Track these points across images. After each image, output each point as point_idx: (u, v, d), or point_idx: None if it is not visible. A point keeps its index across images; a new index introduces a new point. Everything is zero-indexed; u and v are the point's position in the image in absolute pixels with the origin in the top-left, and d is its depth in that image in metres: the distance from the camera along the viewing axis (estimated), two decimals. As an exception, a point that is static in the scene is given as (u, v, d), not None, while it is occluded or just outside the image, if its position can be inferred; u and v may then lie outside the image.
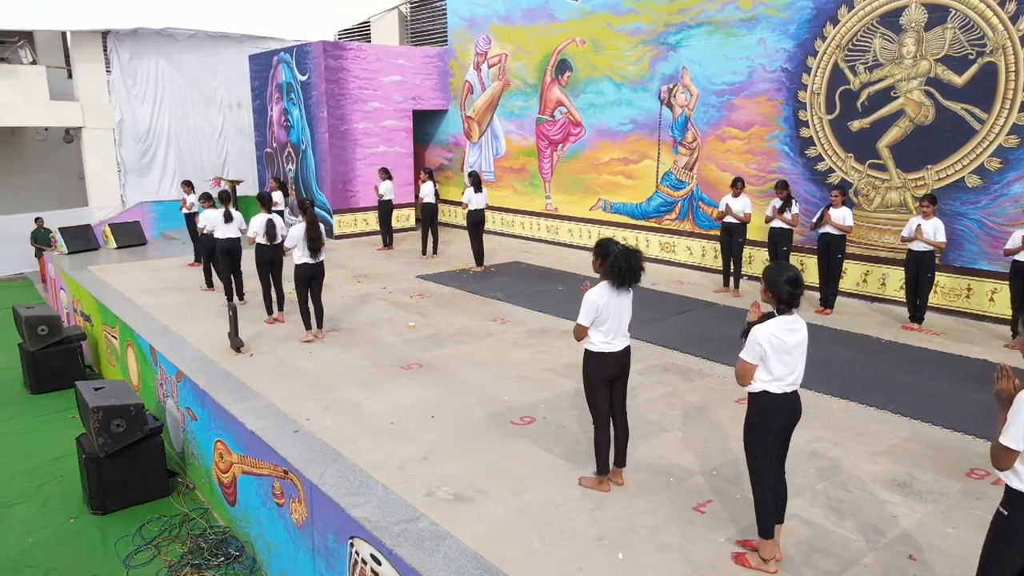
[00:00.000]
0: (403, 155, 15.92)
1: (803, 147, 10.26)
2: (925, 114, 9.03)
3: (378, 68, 15.25)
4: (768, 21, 10.42)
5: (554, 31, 13.71)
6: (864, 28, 9.44)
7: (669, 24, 11.70)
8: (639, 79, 12.29)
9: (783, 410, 3.75)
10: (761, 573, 3.86)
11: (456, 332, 8.38)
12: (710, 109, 11.32)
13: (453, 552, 4.05)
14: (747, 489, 4.67)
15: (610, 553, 4.06)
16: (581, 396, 6.22)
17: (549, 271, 11.81)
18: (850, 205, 9.36)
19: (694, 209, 11.81)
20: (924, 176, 9.13)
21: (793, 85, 10.26)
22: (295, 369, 7.15)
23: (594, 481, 4.78)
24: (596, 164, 13.28)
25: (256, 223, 8.24)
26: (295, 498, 5.24)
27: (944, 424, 5.79)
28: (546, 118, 14.17)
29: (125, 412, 6.73)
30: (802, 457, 5.18)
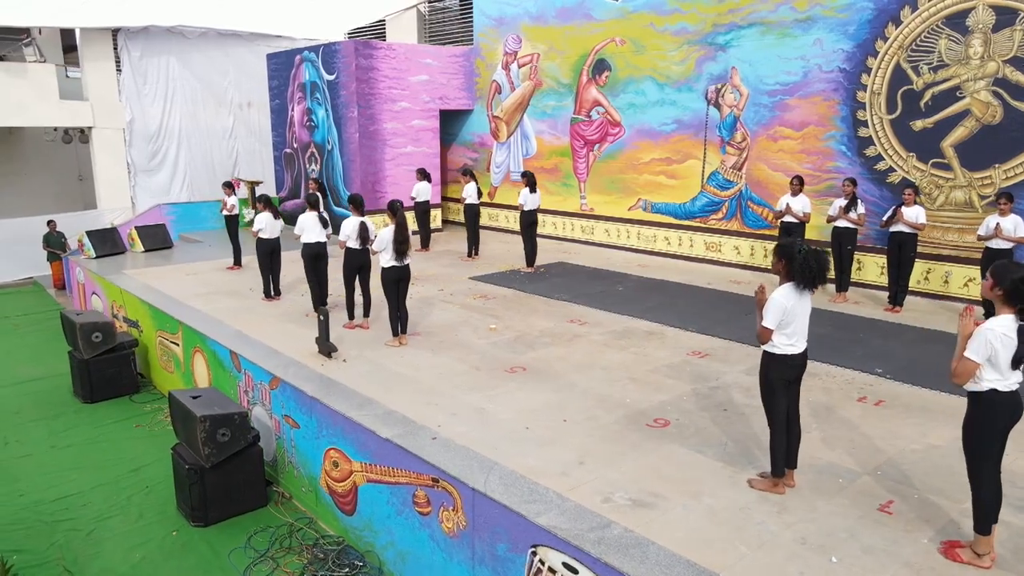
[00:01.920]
0: (430, 155, 15.76)
1: (861, 147, 10.36)
2: (992, 114, 9.17)
3: (407, 68, 15.08)
4: (825, 22, 10.50)
5: (591, 31, 13.67)
6: (928, 29, 9.56)
7: (718, 24, 11.73)
8: (684, 79, 12.31)
9: (1009, 409, 3.75)
10: (976, 566, 3.86)
11: (540, 334, 8.30)
12: (761, 109, 11.38)
13: (664, 559, 3.98)
14: (922, 489, 4.70)
15: (819, 556, 4.03)
16: (701, 397, 6.24)
17: (599, 271, 11.77)
18: (912, 204, 9.49)
19: (743, 208, 11.86)
20: (991, 175, 9.27)
21: (851, 85, 10.35)
22: (396, 374, 7.00)
23: (768, 483, 4.75)
24: (636, 164, 13.27)
25: (348, 227, 8.07)
26: (449, 507, 5.12)
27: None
28: (582, 118, 14.13)
29: (230, 421, 6.54)
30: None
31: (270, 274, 9.67)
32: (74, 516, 6.91)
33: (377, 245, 7.50)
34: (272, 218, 9.40)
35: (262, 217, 9.32)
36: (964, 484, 4.71)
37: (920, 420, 5.88)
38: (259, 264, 9.68)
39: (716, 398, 6.36)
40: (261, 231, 9.33)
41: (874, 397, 6.34)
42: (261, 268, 9.65)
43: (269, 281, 9.73)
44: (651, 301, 9.69)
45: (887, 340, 8.05)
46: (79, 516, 6.90)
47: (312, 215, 8.78)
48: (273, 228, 9.41)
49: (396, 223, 7.38)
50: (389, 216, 7.51)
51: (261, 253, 9.49)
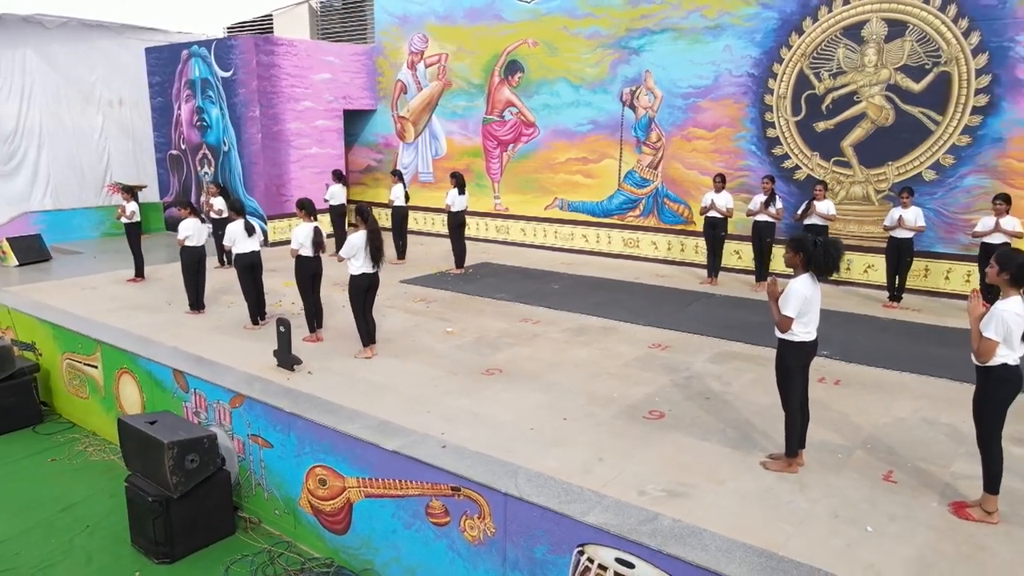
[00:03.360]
0: (335, 156, 15.24)
1: (770, 146, 11.14)
2: (886, 116, 10.16)
3: (309, 65, 14.49)
4: (733, 29, 11.19)
5: (501, 32, 13.75)
6: (828, 39, 10.43)
7: (631, 29, 12.17)
8: (598, 81, 12.68)
9: (1016, 381, 4.20)
10: (986, 523, 4.30)
11: (499, 335, 8.28)
12: (675, 111, 11.94)
13: (722, 545, 4.13)
14: (909, 458, 5.17)
15: (855, 528, 4.33)
16: (680, 387, 6.51)
17: (527, 271, 11.89)
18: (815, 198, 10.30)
19: (659, 206, 12.39)
20: (886, 171, 10.27)
21: (759, 89, 11.10)
22: (373, 384, 6.75)
23: (783, 463, 5.03)
24: (552, 164, 13.51)
25: (301, 233, 7.63)
26: (473, 515, 5.02)
27: None
28: (494, 118, 14.18)
29: (199, 446, 6.05)
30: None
31: (196, 286, 8.97)
32: (8, 567, 6.11)
33: (346, 252, 7.18)
34: (199, 224, 8.72)
35: (188, 223, 8.63)
36: (943, 450, 5.25)
37: (879, 396, 6.43)
38: (184, 275, 8.95)
39: (694, 388, 6.63)
40: (188, 239, 8.62)
41: (831, 377, 6.86)
42: (186, 279, 8.93)
43: (196, 293, 9.02)
44: (593, 298, 9.92)
45: (826, 326, 8.69)
46: (15, 567, 6.11)
47: (241, 223, 8.24)
48: (200, 235, 8.73)
49: (368, 228, 7.10)
50: (359, 221, 7.20)
51: (187, 263, 8.79)
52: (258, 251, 8.30)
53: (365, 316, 7.38)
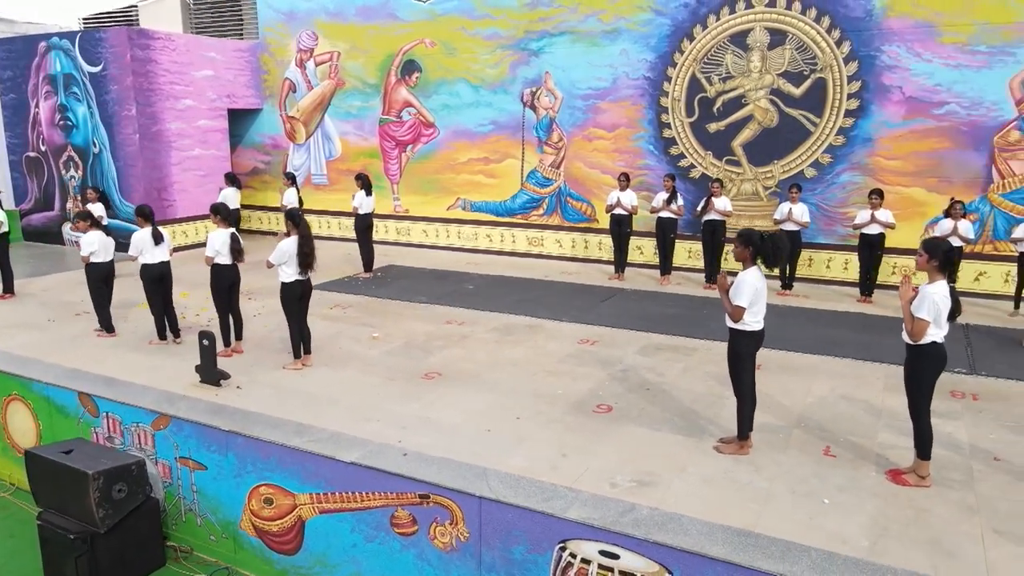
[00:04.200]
0: (220, 158, 14.45)
1: (666, 146, 11.69)
2: (771, 119, 10.94)
3: (189, 61, 13.63)
4: (629, 34, 11.64)
5: (397, 31, 13.55)
6: (717, 45, 11.09)
7: (530, 31, 12.37)
8: (499, 82, 12.78)
9: (944, 356, 4.68)
10: (921, 488, 4.78)
11: (426, 338, 8.19)
12: (575, 111, 12.26)
13: (702, 528, 4.32)
14: (840, 432, 5.63)
15: (813, 501, 4.66)
16: (619, 381, 6.75)
17: (436, 272, 11.80)
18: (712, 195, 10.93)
19: (562, 204, 12.68)
20: (772, 170, 11.06)
21: (655, 92, 11.62)
22: (311, 395, 6.48)
23: (735, 446, 5.32)
24: (453, 164, 13.48)
25: (217, 240, 7.16)
26: (443, 521, 4.95)
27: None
28: (391, 119, 13.96)
29: (127, 474, 5.58)
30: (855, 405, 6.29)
31: (106, 305, 8.18)
32: None
33: (276, 258, 6.82)
34: (104, 237, 7.99)
35: (91, 237, 7.87)
36: (866, 424, 5.74)
37: (796, 377, 6.94)
38: (92, 294, 8.13)
39: (632, 380, 6.87)
40: (93, 254, 7.85)
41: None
42: (95, 299, 8.11)
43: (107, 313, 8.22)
44: (510, 297, 10.01)
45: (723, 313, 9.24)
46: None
47: (147, 231, 7.65)
48: (107, 249, 7.98)
49: (300, 234, 6.78)
50: (290, 227, 6.87)
51: (94, 281, 7.99)
52: (167, 261, 7.72)
53: (300, 325, 7.06)
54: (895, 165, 10.33)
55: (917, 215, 10.23)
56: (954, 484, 4.88)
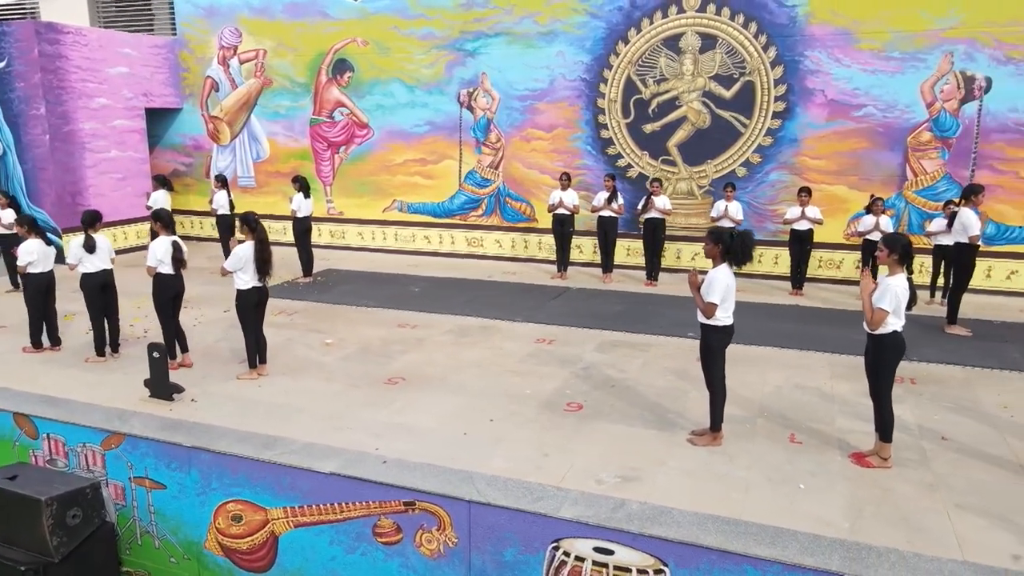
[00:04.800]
0: (138, 160, 13.74)
1: (604, 146, 11.92)
2: (703, 120, 11.33)
3: (103, 58, 12.89)
4: (565, 36, 11.79)
5: (327, 29, 13.24)
6: (651, 49, 11.39)
7: (465, 32, 12.34)
8: (434, 82, 12.70)
9: (904, 344, 4.99)
10: (882, 469, 5.08)
11: (382, 343, 8.06)
12: (513, 112, 12.32)
13: (694, 519, 4.45)
14: (800, 419, 5.92)
15: (789, 487, 4.88)
16: (583, 379, 6.87)
17: (377, 275, 11.62)
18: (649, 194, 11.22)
19: (501, 205, 12.72)
20: (705, 169, 11.46)
21: (592, 93, 11.82)
22: (274, 406, 6.26)
23: (708, 438, 5.50)
24: (388, 165, 13.29)
25: (159, 248, 6.78)
26: (430, 528, 4.90)
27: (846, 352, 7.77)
28: (323, 119, 13.63)
29: (82, 498, 5.26)
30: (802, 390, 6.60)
31: (44, 318, 7.62)
32: None
33: (232, 264, 6.53)
34: (43, 246, 7.42)
35: (31, 246, 7.29)
36: (822, 411, 6.05)
37: (750, 368, 7.22)
38: (28, 306, 7.56)
39: (596, 378, 6.98)
40: (32, 264, 7.28)
41: (706, 356, 7.57)
42: (31, 311, 7.55)
43: (41, 326, 7.66)
44: (458, 298, 9.96)
45: (670, 309, 9.52)
46: None
47: (82, 239, 7.19)
48: (47, 259, 7.42)
49: (256, 239, 6.52)
50: (246, 232, 6.60)
51: (31, 293, 7.43)
52: (110, 270, 7.27)
53: (256, 334, 6.80)
54: (819, 164, 10.89)
55: (840, 211, 10.83)
56: (910, 464, 5.21)
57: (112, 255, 7.37)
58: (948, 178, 10.42)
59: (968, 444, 5.52)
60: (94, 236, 7.16)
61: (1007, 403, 6.32)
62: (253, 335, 6.79)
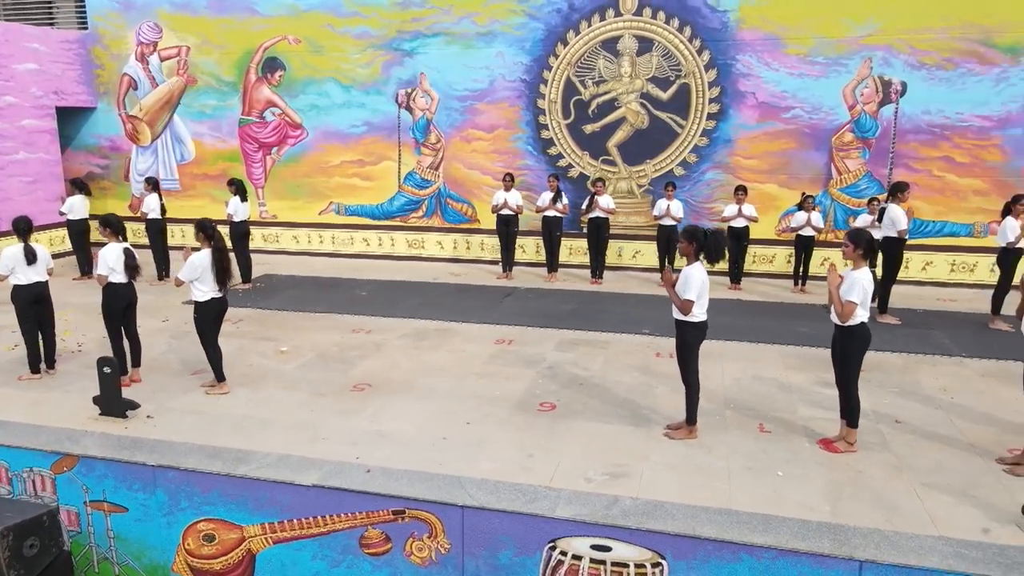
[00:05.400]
0: (49, 162, 12.90)
1: (545, 147, 12.03)
2: (642, 121, 11.60)
3: (9, 53, 12.03)
4: (504, 37, 11.82)
5: (255, 26, 12.80)
6: (589, 51, 11.57)
7: (402, 31, 12.18)
8: (371, 82, 12.48)
9: (869, 333, 5.26)
10: (849, 453, 5.36)
11: (340, 349, 7.87)
12: (453, 113, 12.26)
13: (687, 512, 4.56)
14: (765, 409, 6.16)
15: (769, 475, 5.07)
16: (550, 378, 6.95)
17: (320, 279, 11.33)
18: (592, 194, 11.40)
19: (442, 206, 12.64)
20: (645, 169, 11.74)
21: (532, 94, 11.91)
22: (238, 418, 6.01)
23: (685, 431, 5.65)
24: (324, 167, 12.97)
25: (110, 256, 6.36)
26: (421, 535, 4.83)
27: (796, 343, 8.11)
28: (253, 119, 13.16)
29: (39, 526, 4.92)
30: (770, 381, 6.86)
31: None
32: None
33: (187, 274, 6.20)
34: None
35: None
36: (784, 400, 6.32)
37: (709, 362, 7.28)
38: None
39: (563, 376, 7.04)
40: None
41: (663, 351, 7.76)
42: None
43: None
44: (408, 301, 9.84)
45: (619, 306, 9.71)
46: None
47: (19, 247, 6.69)
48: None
49: (214, 247, 6.23)
50: (203, 240, 6.28)
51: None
52: (45, 282, 6.77)
53: (215, 346, 6.50)
54: (752, 163, 11.35)
55: (772, 208, 11.31)
56: (873, 447, 5.51)
57: (49, 265, 6.87)
58: (869, 176, 11.06)
59: (920, 426, 5.88)
60: (32, 246, 6.65)
61: (945, 386, 6.77)
62: (214, 347, 6.49)
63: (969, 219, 10.84)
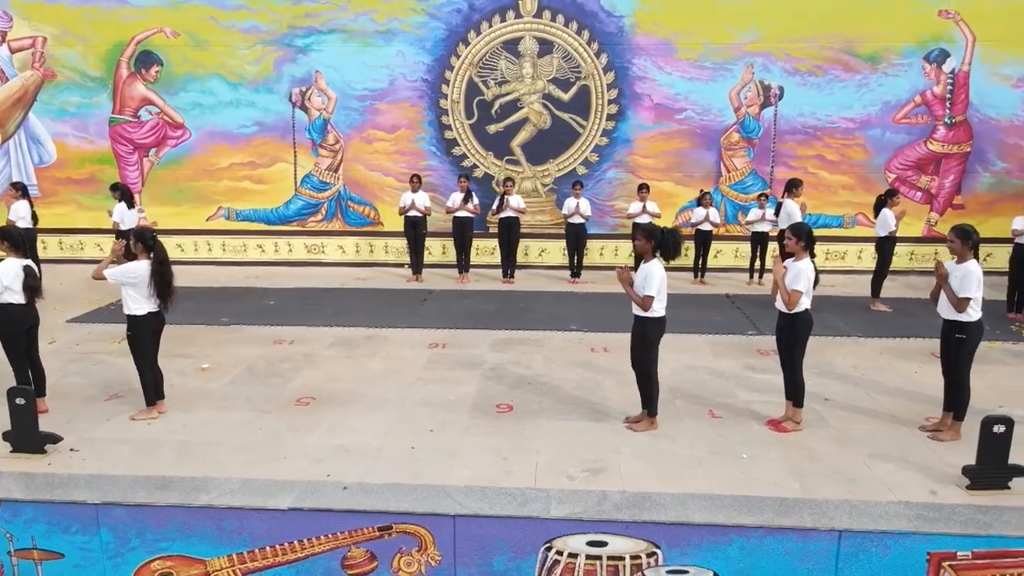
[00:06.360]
0: None
1: (448, 147, 11.96)
2: (544, 121, 11.82)
3: None
4: (404, 36, 11.63)
5: (125, 16, 11.79)
6: (491, 51, 11.63)
7: (294, 27, 11.67)
8: (262, 80, 11.86)
9: (812, 321, 5.67)
10: (796, 432, 5.76)
11: (267, 362, 7.43)
12: (352, 113, 11.90)
13: (675, 500, 4.71)
14: (710, 395, 6.52)
15: (733, 458, 5.34)
16: (497, 379, 7.04)
17: (220, 290, 10.65)
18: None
19: (343, 209, 12.24)
20: (548, 168, 11.97)
21: (434, 94, 11.80)
22: (178, 444, 5.53)
23: (646, 423, 5.83)
24: (211, 170, 12.18)
25: (8, 273, 5.60)
26: (409, 550, 4.68)
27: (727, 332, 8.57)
28: (126, 118, 12.11)
29: (-33, 585, 4.26)
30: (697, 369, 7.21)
31: None
32: None
33: (117, 275, 5.61)
34: None
35: None
36: (722, 386, 6.72)
37: None
38: None
39: (509, 377, 7.04)
40: None
41: (598, 346, 7.97)
42: None
43: None
44: (324, 309, 9.47)
45: (538, 304, 9.85)
46: None
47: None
48: None
49: (156, 259, 5.67)
50: (140, 250, 5.69)
51: None
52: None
53: (153, 365, 5.93)
54: (649, 162, 11.88)
55: (669, 205, 11.88)
56: (814, 424, 5.95)
57: None
58: (754, 173, 11.90)
59: (846, 402, 6.42)
60: None
61: (855, 364, 7.44)
62: (151, 367, 5.93)
63: (839, 212, 11.93)
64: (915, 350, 7.89)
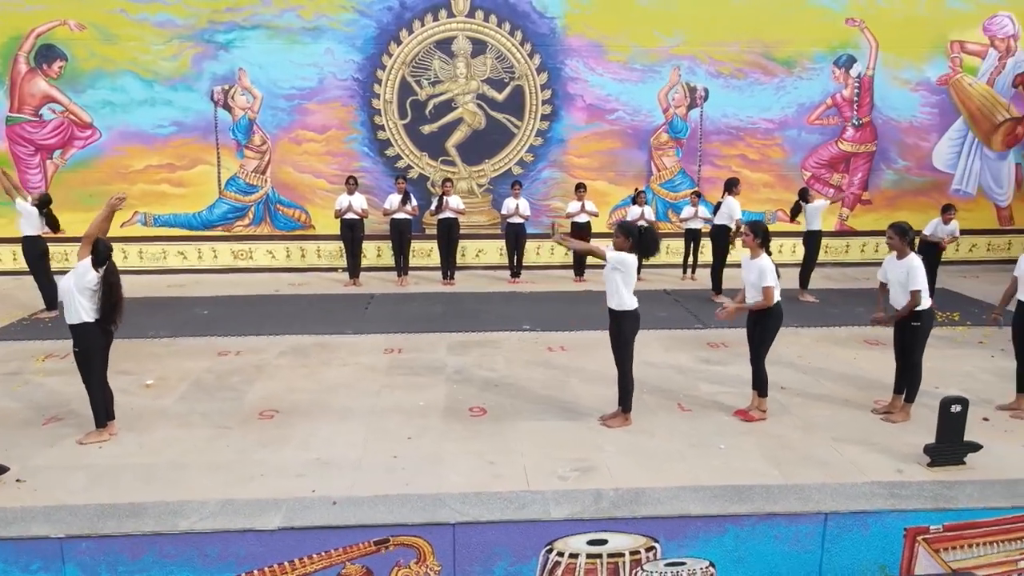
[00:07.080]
0: None
1: (382, 148, 11.72)
2: (479, 121, 11.78)
3: None
4: (333, 33, 11.30)
5: (23, 7, 10.89)
6: (424, 51, 11.48)
7: (214, 22, 11.12)
8: (179, 77, 11.24)
9: (782, 313, 5.90)
10: (763, 420, 6.00)
11: (216, 376, 7.04)
12: (279, 112, 11.46)
13: (668, 494, 4.80)
14: (675, 390, 6.70)
15: (710, 448, 5.50)
16: (463, 383, 7.01)
17: (141, 300, 9.88)
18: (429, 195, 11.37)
19: (271, 212, 11.77)
20: (484, 168, 11.93)
21: (366, 93, 11.53)
22: (139, 467, 5.15)
23: (621, 419, 5.91)
24: (124, 172, 11.43)
25: None
26: (408, 562, 4.56)
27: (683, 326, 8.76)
28: (26, 117, 11.18)
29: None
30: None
31: None
32: None
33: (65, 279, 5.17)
34: None
35: None
36: (684, 380, 6.95)
37: (597, 353, 7.60)
38: None
39: (474, 380, 6.97)
40: None
41: (554, 345, 8.02)
42: None
43: None
44: (265, 318, 9.07)
45: (486, 304, 9.82)
46: None
47: None
48: None
49: (106, 281, 5.24)
50: (91, 259, 5.23)
51: None
52: None
53: (103, 383, 5.48)
54: (583, 162, 12.06)
55: (603, 203, 12.08)
56: (777, 412, 6.20)
57: None
58: (683, 172, 12.30)
59: (802, 390, 6.74)
60: None
61: (800, 353, 7.81)
62: (102, 386, 5.48)
63: (761, 208, 12.48)
64: (848, 338, 8.38)
